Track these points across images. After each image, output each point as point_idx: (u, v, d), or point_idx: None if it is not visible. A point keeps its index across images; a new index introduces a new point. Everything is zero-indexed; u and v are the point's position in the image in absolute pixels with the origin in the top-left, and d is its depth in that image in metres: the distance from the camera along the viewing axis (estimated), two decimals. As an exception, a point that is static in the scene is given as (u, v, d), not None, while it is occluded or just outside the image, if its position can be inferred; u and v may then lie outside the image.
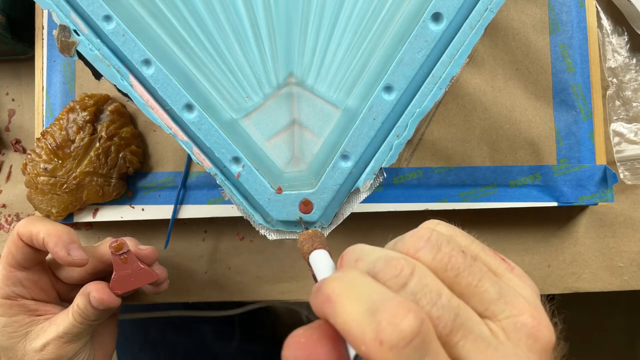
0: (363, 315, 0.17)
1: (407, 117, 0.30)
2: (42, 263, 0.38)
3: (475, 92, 0.42)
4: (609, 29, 0.45)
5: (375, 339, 0.16)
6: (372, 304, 0.17)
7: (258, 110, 0.32)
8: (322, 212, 0.31)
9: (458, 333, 0.18)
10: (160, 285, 0.40)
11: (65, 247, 0.34)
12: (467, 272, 0.19)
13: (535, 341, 0.19)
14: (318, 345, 0.19)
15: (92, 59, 0.30)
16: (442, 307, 0.18)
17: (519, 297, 0.19)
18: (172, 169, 0.43)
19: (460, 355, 0.18)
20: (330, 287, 0.19)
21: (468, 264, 0.20)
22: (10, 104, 0.46)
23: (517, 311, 0.19)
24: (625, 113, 0.44)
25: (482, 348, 0.18)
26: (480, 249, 0.21)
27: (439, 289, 0.19)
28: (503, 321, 0.19)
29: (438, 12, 0.29)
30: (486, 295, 0.19)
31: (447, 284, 0.19)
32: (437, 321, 0.18)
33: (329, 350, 0.18)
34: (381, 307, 0.17)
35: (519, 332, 0.19)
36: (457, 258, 0.20)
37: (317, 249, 0.25)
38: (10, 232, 0.46)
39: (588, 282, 0.44)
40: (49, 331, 0.36)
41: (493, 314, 0.19)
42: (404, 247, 0.20)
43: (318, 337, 0.19)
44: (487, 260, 0.21)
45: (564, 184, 0.41)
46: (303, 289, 0.45)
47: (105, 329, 0.41)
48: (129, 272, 0.36)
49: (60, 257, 0.34)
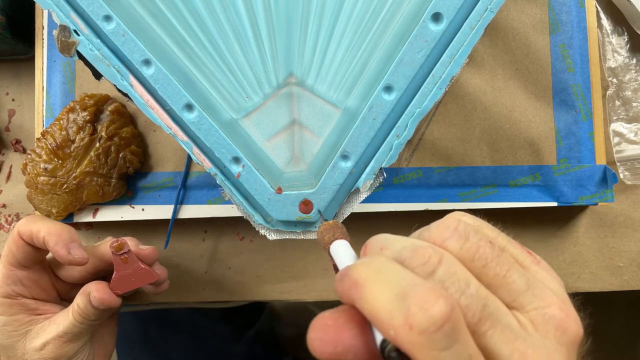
0: (392, 300, 0.17)
1: (407, 117, 0.30)
2: (43, 262, 0.38)
3: (475, 92, 0.42)
4: (609, 29, 0.45)
5: (405, 324, 0.16)
6: (401, 289, 0.17)
7: (258, 110, 0.32)
8: (322, 212, 0.31)
9: (486, 322, 0.18)
10: (160, 285, 0.40)
11: (65, 246, 0.34)
12: (494, 263, 0.19)
13: (563, 333, 0.19)
14: (345, 329, 0.18)
15: (92, 59, 0.30)
16: (471, 296, 0.18)
17: (547, 289, 0.19)
18: (172, 169, 0.43)
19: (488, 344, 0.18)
20: (357, 272, 0.18)
21: (496, 255, 0.19)
22: (10, 104, 0.46)
23: (545, 303, 0.19)
24: (625, 113, 0.44)
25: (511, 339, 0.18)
26: (507, 242, 0.21)
27: (467, 278, 0.18)
28: (531, 312, 0.19)
29: (438, 12, 0.29)
30: (514, 286, 0.19)
31: (475, 274, 0.19)
32: (466, 310, 0.18)
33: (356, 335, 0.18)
34: (411, 292, 0.17)
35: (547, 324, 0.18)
36: (484, 248, 0.19)
37: (338, 239, 0.24)
38: (10, 232, 0.46)
39: (588, 282, 0.44)
40: (48, 330, 0.36)
41: (521, 305, 0.19)
42: (430, 237, 0.20)
43: (345, 320, 0.19)
44: (514, 252, 0.21)
45: (564, 184, 0.41)
46: (303, 289, 0.45)
47: (105, 328, 0.41)
48: (130, 272, 0.36)
49: (61, 255, 0.34)
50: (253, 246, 0.45)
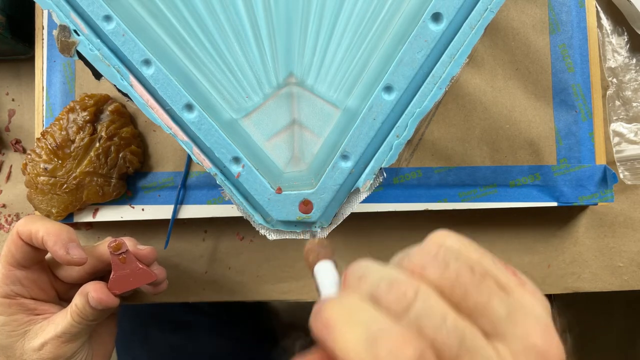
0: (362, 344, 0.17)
1: (407, 117, 0.30)
2: (42, 262, 0.38)
3: (475, 92, 0.42)
4: (609, 29, 0.45)
5: None
6: (371, 334, 0.17)
7: (258, 110, 0.32)
8: (322, 212, 0.31)
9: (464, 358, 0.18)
10: (159, 285, 0.40)
11: (64, 246, 0.34)
12: (475, 291, 0.19)
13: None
14: None
15: (92, 59, 0.30)
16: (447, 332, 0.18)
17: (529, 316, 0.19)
18: (172, 169, 0.43)
19: None
20: (329, 312, 0.18)
21: (477, 282, 0.19)
22: (10, 104, 0.46)
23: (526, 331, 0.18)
24: (625, 113, 0.44)
25: None
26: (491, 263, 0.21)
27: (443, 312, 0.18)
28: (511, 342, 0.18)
29: (438, 12, 0.28)
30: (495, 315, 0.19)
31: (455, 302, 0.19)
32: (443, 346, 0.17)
33: None
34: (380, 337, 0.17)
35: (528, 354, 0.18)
36: (465, 276, 0.19)
37: (322, 260, 0.24)
38: (10, 232, 0.46)
39: (588, 282, 0.44)
40: (47, 330, 0.36)
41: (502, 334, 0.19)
42: (410, 264, 0.20)
43: None
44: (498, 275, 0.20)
45: (563, 184, 0.41)
46: (303, 289, 0.45)
47: (104, 328, 0.41)
48: (128, 272, 0.36)
49: (59, 255, 0.34)
50: (253, 246, 0.45)
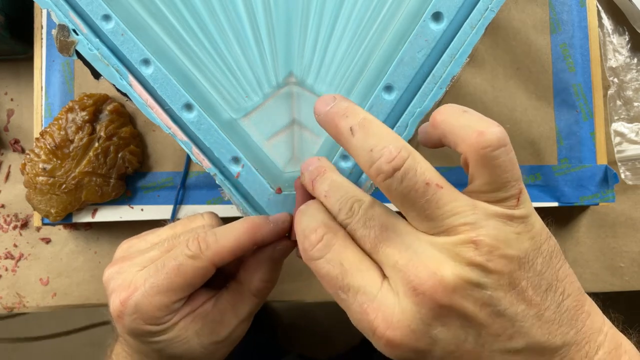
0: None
1: (408, 116, 0.30)
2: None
3: (476, 92, 0.41)
4: (610, 28, 0.45)
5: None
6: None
7: (258, 110, 0.32)
8: (322, 213, 0.31)
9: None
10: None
11: (263, 232, 0.29)
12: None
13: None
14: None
15: (91, 59, 0.30)
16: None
17: None
18: (171, 169, 0.43)
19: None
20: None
21: None
22: (9, 104, 0.46)
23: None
24: (626, 113, 0.44)
25: None
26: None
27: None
28: None
29: (438, 12, 0.28)
30: None
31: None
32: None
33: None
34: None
35: None
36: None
37: None
38: (9, 232, 0.46)
39: (589, 283, 0.44)
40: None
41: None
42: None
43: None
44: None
45: (564, 184, 0.41)
46: (303, 289, 0.45)
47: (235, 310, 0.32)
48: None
49: (269, 239, 0.30)
50: (253, 246, 0.45)
